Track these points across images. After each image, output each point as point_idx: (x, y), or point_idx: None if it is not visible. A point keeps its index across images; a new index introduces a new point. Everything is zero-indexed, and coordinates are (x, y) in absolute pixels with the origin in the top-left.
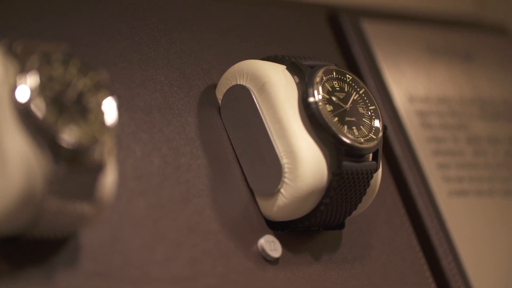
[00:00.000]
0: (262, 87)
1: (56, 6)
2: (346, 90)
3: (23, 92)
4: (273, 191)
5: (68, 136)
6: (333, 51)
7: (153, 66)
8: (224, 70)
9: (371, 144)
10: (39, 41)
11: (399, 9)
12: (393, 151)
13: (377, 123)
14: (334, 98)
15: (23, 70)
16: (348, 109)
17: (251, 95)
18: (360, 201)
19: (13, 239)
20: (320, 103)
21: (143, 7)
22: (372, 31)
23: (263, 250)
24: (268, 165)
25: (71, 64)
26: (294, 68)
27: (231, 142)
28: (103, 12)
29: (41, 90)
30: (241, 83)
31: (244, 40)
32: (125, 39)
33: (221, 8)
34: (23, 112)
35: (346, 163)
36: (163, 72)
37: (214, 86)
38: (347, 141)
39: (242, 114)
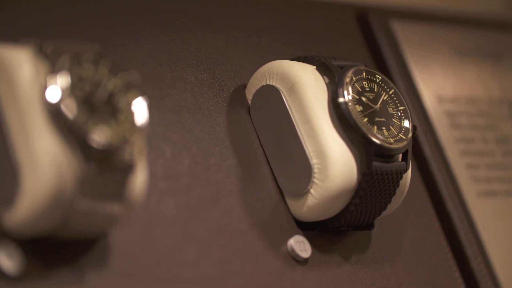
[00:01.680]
0: (292, 87)
1: (86, 6)
2: (375, 90)
3: (54, 93)
4: (303, 192)
5: (99, 136)
6: (362, 51)
7: (183, 66)
8: (254, 71)
9: (400, 145)
10: (70, 41)
11: (428, 9)
12: (422, 151)
13: (406, 124)
14: (364, 99)
15: (53, 70)
16: (377, 109)
17: (281, 96)
18: (389, 202)
19: (44, 240)
20: (350, 104)
21: (172, 7)
22: (402, 31)
23: (293, 250)
24: (298, 166)
25: (101, 64)
26: (324, 69)
27: (260, 143)
28: (132, 12)
29: (71, 91)
30: (271, 84)
31: (274, 40)
32: (154, 39)
33: (250, 9)
34: (54, 112)
35: (376, 164)
36: (193, 73)
37: (244, 86)
38: (377, 141)
39: (271, 115)
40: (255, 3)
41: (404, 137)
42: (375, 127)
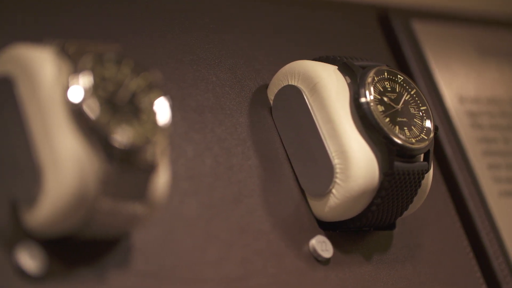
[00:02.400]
0: (314, 88)
1: (108, 6)
2: (397, 90)
3: (76, 93)
4: (325, 192)
5: (121, 136)
6: (383, 51)
7: (204, 67)
8: (276, 71)
9: (422, 145)
10: (92, 41)
11: (450, 9)
12: (444, 151)
13: (428, 124)
14: (385, 99)
15: (75, 70)
16: (399, 109)
17: (303, 96)
18: (411, 202)
19: (66, 240)
20: (371, 104)
21: (194, 7)
22: (423, 31)
23: (315, 250)
24: (320, 166)
25: (123, 64)
26: (345, 69)
27: (282, 143)
28: (154, 12)
29: (94, 91)
30: (293, 84)
31: (295, 40)
32: (176, 39)
33: (272, 9)
34: (76, 112)
35: (398, 164)
36: (214, 73)
37: (266, 86)
38: (399, 141)
39: (293, 115)
40: (276, 3)
41: (426, 137)
42: (397, 127)
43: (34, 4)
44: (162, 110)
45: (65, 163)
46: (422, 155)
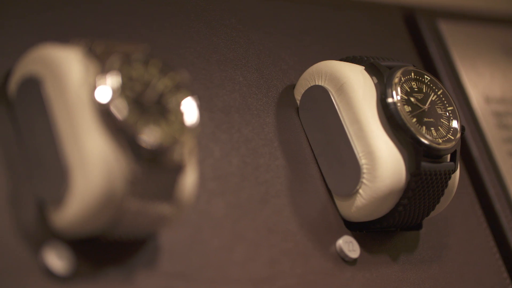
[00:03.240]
0: (341, 88)
1: (135, 7)
2: (424, 91)
3: (104, 93)
4: (352, 192)
5: (149, 136)
6: (409, 52)
7: (231, 67)
8: (302, 71)
9: (449, 145)
10: (119, 41)
11: (476, 9)
12: (470, 152)
13: (455, 124)
14: (412, 99)
15: (103, 70)
16: (426, 109)
17: (330, 96)
18: (438, 202)
19: (93, 240)
20: (398, 104)
21: (221, 8)
22: (449, 32)
23: (342, 250)
24: (347, 166)
25: (151, 65)
26: (372, 69)
27: (309, 143)
28: (181, 13)
29: (121, 91)
30: (320, 84)
31: (322, 41)
32: (203, 40)
33: (298, 9)
34: (104, 112)
35: (425, 164)
36: (241, 73)
37: (292, 86)
38: (426, 141)
39: (320, 115)
40: (303, 4)
41: (453, 138)
42: (424, 127)
43: (61, 3)
44: (189, 110)
45: (93, 163)
46: (448, 156)
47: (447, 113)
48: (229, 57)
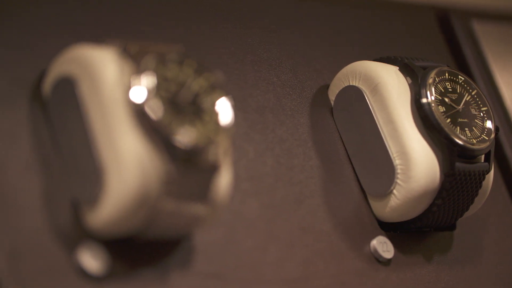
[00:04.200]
0: (375, 88)
1: (169, 8)
2: (458, 91)
3: (138, 93)
4: (386, 192)
5: (183, 136)
6: (443, 52)
7: (265, 67)
8: (336, 71)
9: (483, 145)
10: (154, 42)
11: (510, 10)
12: (504, 152)
13: (489, 124)
14: (446, 99)
15: (138, 71)
16: (460, 110)
17: (364, 96)
18: (472, 202)
19: (128, 240)
20: (433, 104)
21: (255, 8)
22: (483, 32)
23: (376, 251)
24: (381, 166)
25: (186, 65)
26: (407, 69)
27: (343, 143)
28: (215, 13)
29: (156, 91)
30: (354, 84)
31: (356, 41)
32: (237, 40)
33: (332, 10)
34: (139, 112)
35: (459, 164)
36: (275, 73)
37: (326, 87)
38: (460, 142)
39: (354, 115)
40: (336, 4)
41: (487, 138)
42: (458, 128)
43: (96, 4)
44: (224, 110)
45: (128, 163)
46: (482, 156)
47: (481, 114)
48: (263, 58)
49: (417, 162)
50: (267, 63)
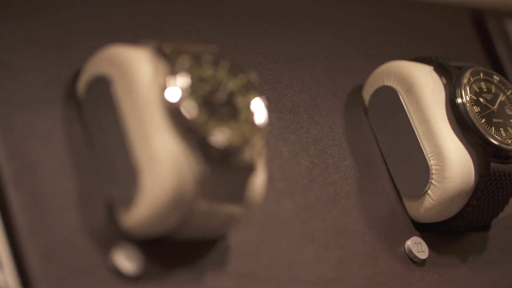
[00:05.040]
0: (410, 88)
1: (204, 8)
2: (493, 91)
3: (173, 93)
4: (420, 193)
5: (219, 136)
6: (477, 52)
7: (300, 67)
8: (370, 71)
9: None
10: (189, 42)
11: None
12: None
13: None
14: (481, 99)
15: (173, 71)
16: (495, 110)
17: (399, 96)
18: (507, 203)
19: (162, 240)
20: (468, 105)
21: (289, 8)
22: None
23: (410, 251)
24: (415, 167)
25: (220, 65)
26: (441, 69)
27: (378, 143)
28: (249, 13)
29: (191, 91)
30: (389, 84)
31: (390, 41)
32: (272, 40)
33: (366, 9)
34: (173, 112)
35: (494, 165)
36: (310, 73)
37: (361, 87)
38: (495, 142)
39: (389, 115)
40: (370, 4)
41: None
42: (493, 128)
43: (130, 4)
44: (259, 110)
45: (163, 163)
46: None
47: None
48: (297, 58)
49: (452, 162)
50: (302, 63)
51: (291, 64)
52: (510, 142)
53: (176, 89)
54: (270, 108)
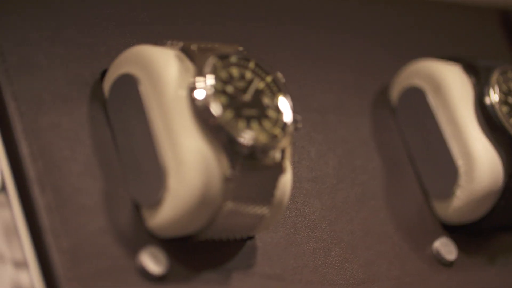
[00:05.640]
0: (438, 88)
1: (230, 8)
2: None
3: (200, 92)
4: (449, 193)
5: (246, 136)
6: (505, 52)
7: (326, 67)
8: (396, 71)
9: None
10: (216, 42)
11: None
12: None
13: None
14: (510, 99)
15: (200, 70)
16: None
17: (426, 96)
18: None
19: (189, 240)
20: (496, 105)
21: (315, 8)
22: None
23: (438, 252)
24: (444, 167)
25: (247, 65)
26: (470, 69)
27: (405, 144)
28: (276, 13)
29: (218, 90)
30: (416, 84)
31: (416, 41)
32: (298, 40)
33: (393, 9)
34: (201, 112)
35: None
36: (336, 73)
37: (387, 86)
38: None
39: (416, 115)
40: (398, 4)
41: None
42: None
43: (157, 4)
44: (286, 110)
45: (190, 163)
46: None
47: None
48: (324, 57)
49: (480, 162)
50: (328, 63)
51: (317, 64)
52: None
53: (203, 89)
54: (297, 108)
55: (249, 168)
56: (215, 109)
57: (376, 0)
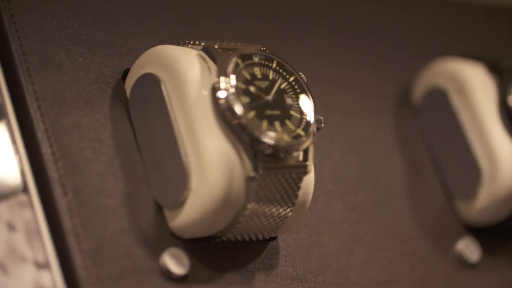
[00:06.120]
0: (461, 88)
1: (252, 7)
2: None
3: (223, 92)
4: (472, 194)
5: (269, 136)
6: None
7: (350, 67)
8: (417, 71)
9: None
10: (237, 42)
11: None
12: None
13: None
14: None
15: (222, 70)
16: None
17: (450, 97)
18: None
19: (211, 241)
20: None
21: (337, 10)
22: None
23: (462, 253)
24: (467, 167)
25: (269, 65)
26: (493, 68)
27: (428, 144)
28: (299, 14)
29: (240, 90)
30: (439, 84)
31: (437, 41)
32: (321, 41)
33: (414, 9)
34: (224, 112)
35: None
36: (359, 73)
37: (408, 87)
38: None
39: (439, 116)
40: (420, 3)
41: None
42: None
43: (179, 3)
44: (308, 110)
45: (212, 164)
46: None
47: None
48: (346, 58)
49: (504, 163)
50: (351, 63)
51: (341, 64)
52: None
53: (226, 89)
54: (320, 108)
55: (272, 169)
56: (238, 109)
57: (398, 1)
